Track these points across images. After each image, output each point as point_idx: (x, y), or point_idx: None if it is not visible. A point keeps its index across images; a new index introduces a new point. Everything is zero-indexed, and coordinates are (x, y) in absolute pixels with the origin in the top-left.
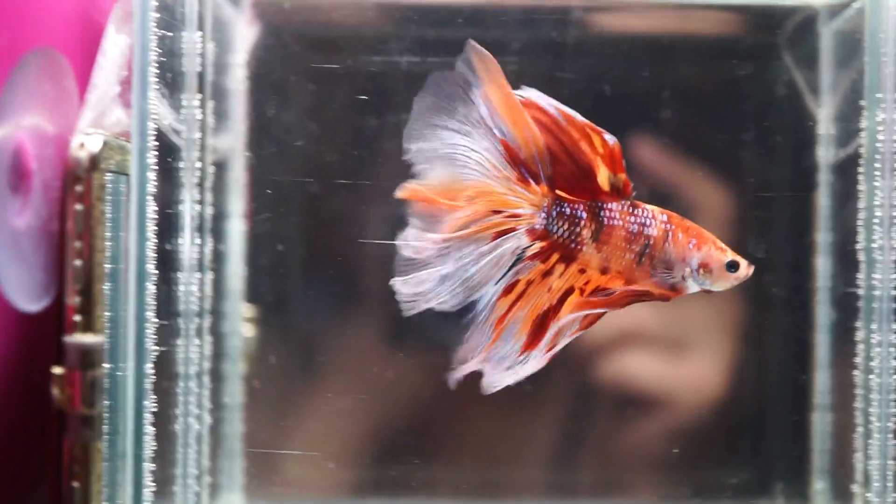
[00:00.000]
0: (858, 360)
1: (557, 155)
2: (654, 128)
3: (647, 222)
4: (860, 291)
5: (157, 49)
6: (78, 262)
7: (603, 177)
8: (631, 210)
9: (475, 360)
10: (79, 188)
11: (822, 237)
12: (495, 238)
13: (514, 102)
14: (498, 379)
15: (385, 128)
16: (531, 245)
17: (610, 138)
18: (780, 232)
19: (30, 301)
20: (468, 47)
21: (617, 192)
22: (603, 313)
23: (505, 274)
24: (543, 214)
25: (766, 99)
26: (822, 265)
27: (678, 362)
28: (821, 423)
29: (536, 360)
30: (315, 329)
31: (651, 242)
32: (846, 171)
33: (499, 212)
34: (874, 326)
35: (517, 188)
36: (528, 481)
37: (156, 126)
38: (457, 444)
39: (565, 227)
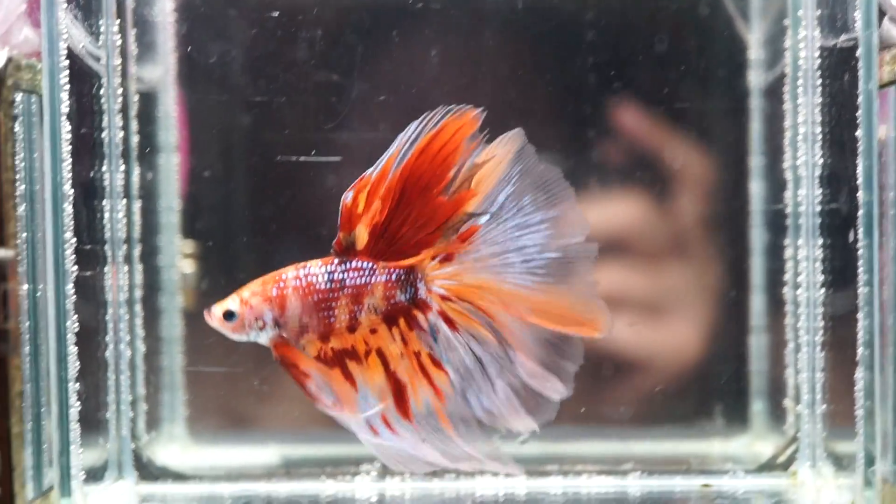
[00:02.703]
0: (787, 276)
1: None
2: (586, 58)
3: None
4: (788, 209)
5: None
6: None
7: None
8: None
9: None
10: None
11: (755, 161)
12: None
13: None
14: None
15: (318, 59)
16: None
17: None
18: (718, 159)
19: None
20: None
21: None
22: None
23: None
24: None
25: (699, 26)
26: (755, 189)
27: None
28: (757, 344)
29: None
30: (257, 267)
31: None
32: (774, 93)
33: None
34: (801, 241)
35: None
36: None
37: (67, 47)
38: None
39: None
